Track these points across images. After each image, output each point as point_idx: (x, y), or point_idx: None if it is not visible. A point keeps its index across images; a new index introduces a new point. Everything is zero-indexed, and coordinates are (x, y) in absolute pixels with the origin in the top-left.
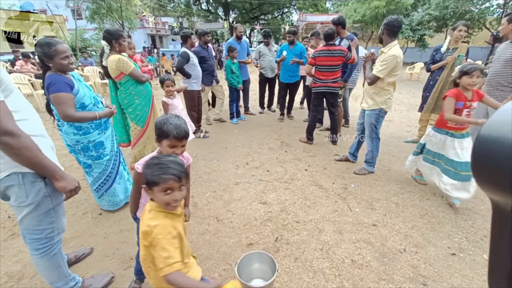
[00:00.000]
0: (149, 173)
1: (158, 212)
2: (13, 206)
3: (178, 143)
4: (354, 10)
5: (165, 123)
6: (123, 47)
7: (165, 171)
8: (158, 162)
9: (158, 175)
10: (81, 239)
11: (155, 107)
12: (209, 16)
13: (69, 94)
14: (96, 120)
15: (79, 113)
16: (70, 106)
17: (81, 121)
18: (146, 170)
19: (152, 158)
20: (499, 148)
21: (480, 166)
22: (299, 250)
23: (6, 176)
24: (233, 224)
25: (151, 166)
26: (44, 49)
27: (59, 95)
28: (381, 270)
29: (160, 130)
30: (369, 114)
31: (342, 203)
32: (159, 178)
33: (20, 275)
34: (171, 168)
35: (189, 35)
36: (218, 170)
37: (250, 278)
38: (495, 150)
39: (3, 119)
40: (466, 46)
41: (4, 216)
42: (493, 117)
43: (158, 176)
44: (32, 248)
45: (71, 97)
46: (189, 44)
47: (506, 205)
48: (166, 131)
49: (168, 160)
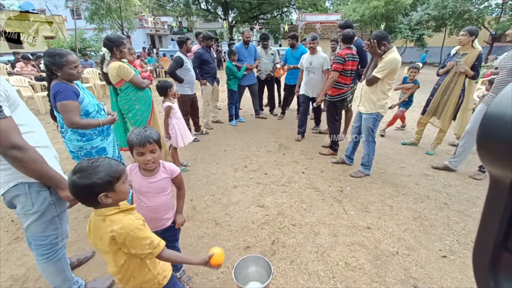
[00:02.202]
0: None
1: (114, 214)
2: (20, 214)
3: (143, 150)
4: (353, 10)
5: (130, 135)
6: (124, 54)
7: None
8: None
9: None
10: (83, 242)
11: (155, 112)
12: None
13: (75, 102)
14: (99, 126)
15: (84, 120)
16: (76, 113)
17: (85, 128)
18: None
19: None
20: (505, 124)
21: (486, 140)
22: (295, 253)
23: (13, 186)
24: (231, 228)
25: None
26: (56, 58)
27: (66, 103)
28: (373, 272)
29: (128, 143)
30: (367, 118)
31: (338, 206)
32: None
33: (25, 278)
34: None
35: (185, 40)
36: (217, 173)
37: (246, 281)
38: (502, 125)
39: (11, 134)
40: (477, 51)
41: (7, 220)
42: (501, 95)
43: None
44: (38, 253)
45: (77, 105)
46: (184, 49)
47: (505, 178)
48: (130, 142)
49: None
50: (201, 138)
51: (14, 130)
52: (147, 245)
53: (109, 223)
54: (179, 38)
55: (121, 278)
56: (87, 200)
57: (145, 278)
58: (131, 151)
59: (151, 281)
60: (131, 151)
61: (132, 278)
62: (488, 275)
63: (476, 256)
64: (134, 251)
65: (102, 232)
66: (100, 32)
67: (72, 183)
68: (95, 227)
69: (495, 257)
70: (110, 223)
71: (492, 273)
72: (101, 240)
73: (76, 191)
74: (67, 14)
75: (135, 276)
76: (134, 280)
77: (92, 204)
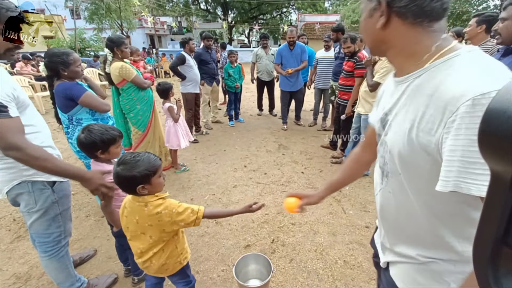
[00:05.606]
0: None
1: (155, 201)
2: (23, 212)
3: (120, 141)
4: (352, 11)
5: (104, 133)
6: (125, 53)
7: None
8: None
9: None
10: (85, 241)
11: (156, 112)
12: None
13: (92, 92)
14: (108, 111)
15: (102, 100)
16: (98, 99)
17: (109, 108)
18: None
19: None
20: (507, 119)
21: (487, 136)
22: (294, 252)
23: (17, 185)
24: (231, 226)
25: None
26: (63, 57)
27: (88, 94)
28: (371, 270)
29: (106, 139)
30: (366, 119)
31: (337, 206)
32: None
33: (28, 276)
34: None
35: (187, 40)
36: (217, 172)
37: (247, 278)
38: (504, 121)
39: (9, 134)
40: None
41: (9, 219)
42: (502, 90)
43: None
44: (41, 250)
45: (93, 94)
46: (187, 49)
47: (506, 174)
48: (112, 136)
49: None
50: (201, 138)
51: (13, 131)
52: (191, 213)
53: (152, 208)
54: (182, 38)
55: (151, 257)
56: (127, 189)
57: (172, 253)
58: (106, 149)
59: (175, 257)
60: (106, 148)
61: (164, 256)
62: (487, 269)
63: (476, 251)
64: (183, 223)
65: (141, 215)
66: (99, 32)
67: (116, 173)
68: (132, 212)
69: (495, 251)
70: (153, 207)
71: (491, 267)
72: (136, 224)
73: (119, 180)
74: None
75: (167, 254)
76: (165, 257)
77: (131, 192)
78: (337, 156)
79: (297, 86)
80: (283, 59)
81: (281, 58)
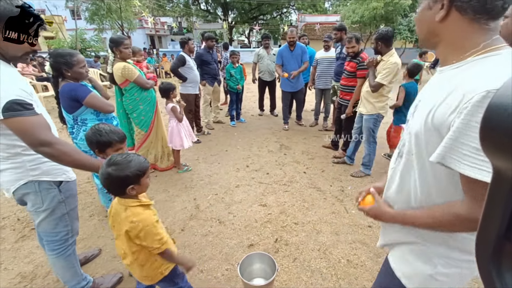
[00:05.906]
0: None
1: (135, 207)
2: (31, 211)
3: (121, 145)
4: (352, 11)
5: (103, 135)
6: (124, 54)
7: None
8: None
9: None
10: (89, 240)
11: (159, 112)
12: (208, 16)
13: (96, 93)
14: (112, 112)
15: (106, 101)
16: (102, 100)
17: (113, 109)
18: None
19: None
20: (508, 116)
21: (488, 132)
22: (297, 251)
23: (23, 184)
24: (235, 226)
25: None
26: (67, 58)
27: (92, 95)
28: (375, 269)
29: (103, 142)
30: (367, 119)
31: (339, 205)
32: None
33: (33, 275)
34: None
35: (186, 41)
36: (219, 172)
37: (251, 277)
38: (505, 117)
39: (40, 131)
40: None
41: (13, 218)
42: (504, 87)
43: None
44: (49, 249)
45: (98, 95)
46: (187, 49)
47: (508, 170)
48: (109, 139)
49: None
50: (203, 138)
51: (42, 127)
52: (158, 240)
53: (129, 214)
54: (182, 39)
55: (130, 264)
56: (115, 190)
57: (152, 266)
58: (102, 149)
59: (156, 269)
60: (103, 149)
61: (140, 266)
62: (490, 265)
63: (479, 247)
64: (145, 243)
65: (121, 218)
66: (100, 33)
67: (108, 174)
68: (116, 212)
69: (498, 247)
70: (130, 214)
71: (493, 262)
72: (119, 225)
73: (110, 181)
74: (67, 14)
75: (143, 264)
76: (142, 267)
77: (119, 194)
78: (339, 156)
79: (298, 86)
80: (283, 60)
81: (281, 59)
